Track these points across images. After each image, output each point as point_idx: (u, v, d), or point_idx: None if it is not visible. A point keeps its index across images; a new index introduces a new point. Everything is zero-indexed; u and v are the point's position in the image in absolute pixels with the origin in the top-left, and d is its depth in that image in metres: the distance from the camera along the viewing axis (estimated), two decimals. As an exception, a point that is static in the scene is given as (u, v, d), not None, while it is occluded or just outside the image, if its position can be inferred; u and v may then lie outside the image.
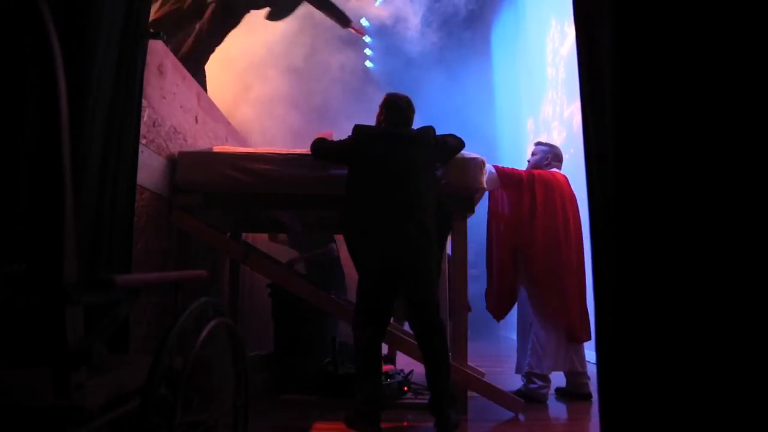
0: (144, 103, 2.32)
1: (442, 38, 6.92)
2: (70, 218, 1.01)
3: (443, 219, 2.52)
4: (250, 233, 3.97)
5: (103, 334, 1.07)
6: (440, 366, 2.39)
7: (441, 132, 2.67)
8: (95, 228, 1.78)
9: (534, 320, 3.14)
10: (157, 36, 2.28)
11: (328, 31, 5.89)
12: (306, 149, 2.85)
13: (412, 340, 2.76)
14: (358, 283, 2.48)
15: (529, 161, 3.53)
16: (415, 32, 6.06)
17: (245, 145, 4.26)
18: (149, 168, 2.51)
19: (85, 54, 1.69)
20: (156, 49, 2.53)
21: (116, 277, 1.03)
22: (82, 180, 1.66)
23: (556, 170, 3.40)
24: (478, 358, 3.82)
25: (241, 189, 2.79)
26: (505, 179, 3.22)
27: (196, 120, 3.19)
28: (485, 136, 7.10)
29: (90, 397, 1.00)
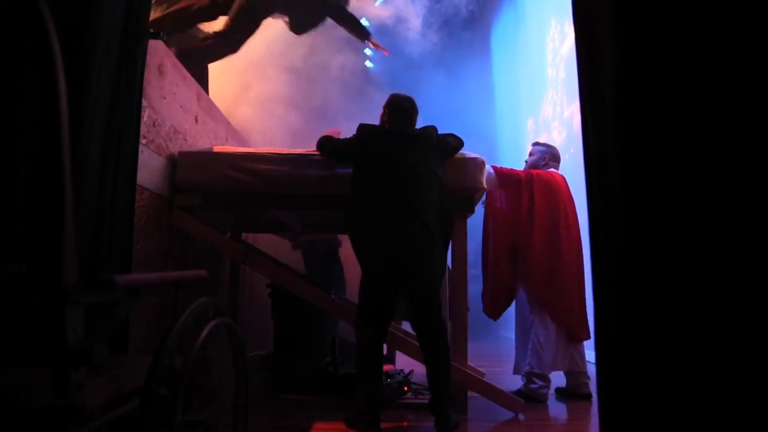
0: (144, 103, 2.32)
1: (443, 39, 6.91)
2: (70, 218, 1.01)
3: (447, 218, 2.52)
4: (250, 233, 3.97)
5: (103, 334, 1.07)
6: (441, 366, 2.39)
7: (441, 132, 2.66)
8: (95, 228, 1.78)
9: (534, 319, 3.14)
10: (157, 36, 2.28)
11: (328, 31, 5.87)
12: (306, 149, 2.86)
13: (412, 341, 2.77)
14: (360, 282, 2.48)
15: (526, 162, 3.53)
16: (415, 33, 6.06)
17: (245, 145, 4.25)
18: (149, 168, 2.51)
19: (85, 54, 1.69)
20: (156, 49, 2.53)
21: (116, 277, 1.03)
22: (82, 180, 1.66)
23: (554, 170, 3.40)
24: (478, 358, 3.82)
25: (241, 189, 2.79)
26: (504, 179, 3.23)
27: (196, 120, 3.19)
28: (485, 136, 7.10)
29: (90, 397, 1.00)
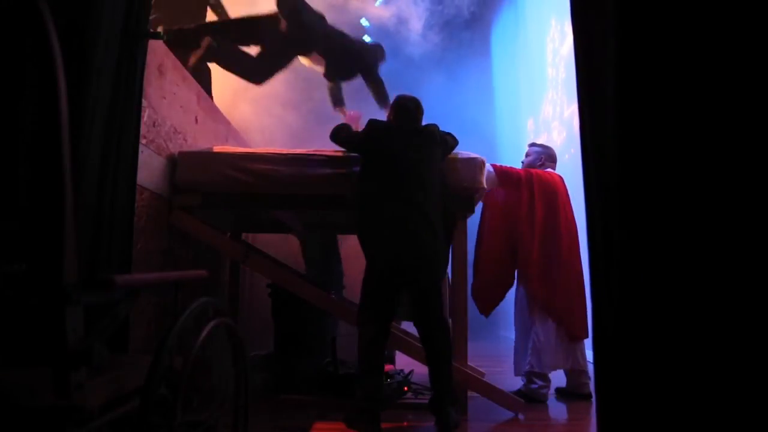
0: (144, 103, 2.32)
1: (443, 39, 6.90)
2: (70, 218, 1.01)
3: (448, 217, 2.53)
4: (250, 233, 3.97)
5: (103, 334, 1.08)
6: (443, 365, 2.40)
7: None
8: (95, 228, 1.78)
9: (534, 319, 3.14)
10: (157, 36, 2.29)
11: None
12: (306, 149, 2.87)
13: (412, 341, 2.77)
14: (363, 279, 2.48)
15: (522, 163, 3.54)
16: (416, 34, 6.05)
17: (245, 145, 4.25)
18: (149, 168, 2.51)
19: (85, 54, 1.69)
20: (156, 49, 2.53)
21: (116, 277, 1.03)
22: (81, 180, 1.66)
23: (551, 170, 3.41)
24: (478, 358, 3.81)
25: (241, 189, 2.79)
26: (504, 178, 3.23)
27: (196, 120, 3.19)
28: (485, 136, 7.08)
29: (90, 397, 1.00)
